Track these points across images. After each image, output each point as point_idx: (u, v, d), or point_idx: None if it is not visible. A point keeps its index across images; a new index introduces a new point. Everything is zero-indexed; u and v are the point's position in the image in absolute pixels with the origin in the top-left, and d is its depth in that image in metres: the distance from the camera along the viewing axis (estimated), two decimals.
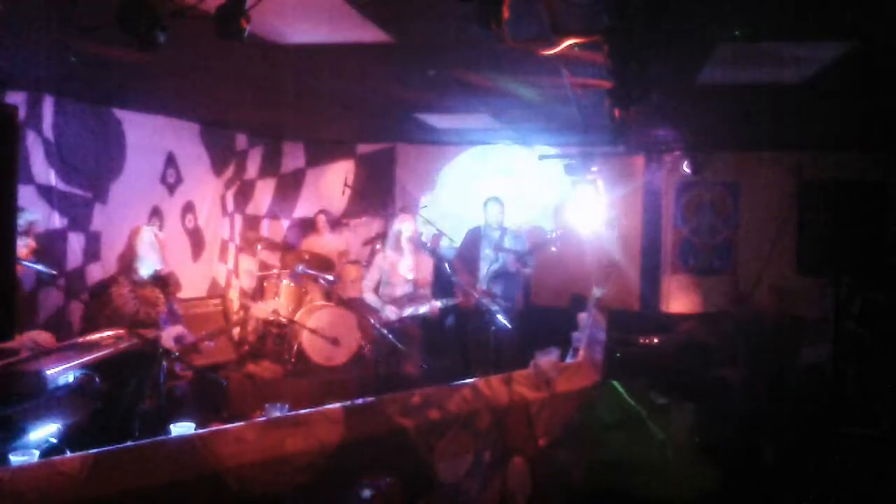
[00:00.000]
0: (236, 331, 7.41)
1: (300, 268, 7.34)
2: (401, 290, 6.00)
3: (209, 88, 5.48)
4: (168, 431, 3.08)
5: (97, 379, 4.16)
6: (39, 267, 4.59)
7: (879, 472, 4.66)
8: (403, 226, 5.97)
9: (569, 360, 4.43)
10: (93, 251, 6.01)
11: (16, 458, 2.75)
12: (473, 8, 2.56)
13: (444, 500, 3.31)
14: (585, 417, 4.24)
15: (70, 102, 5.63)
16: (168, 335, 4.79)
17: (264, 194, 8.75)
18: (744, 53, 3.91)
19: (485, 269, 6.48)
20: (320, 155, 9.14)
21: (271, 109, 6.58)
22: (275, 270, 7.47)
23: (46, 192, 5.49)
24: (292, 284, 7.30)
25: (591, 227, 7.42)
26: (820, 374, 6.38)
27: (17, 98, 5.15)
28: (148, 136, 6.59)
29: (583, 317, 6.17)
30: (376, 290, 6.10)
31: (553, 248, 6.82)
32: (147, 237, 4.95)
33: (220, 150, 7.72)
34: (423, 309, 5.91)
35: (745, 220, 8.19)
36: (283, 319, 6.95)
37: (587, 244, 7.78)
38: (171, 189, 7.00)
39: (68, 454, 2.40)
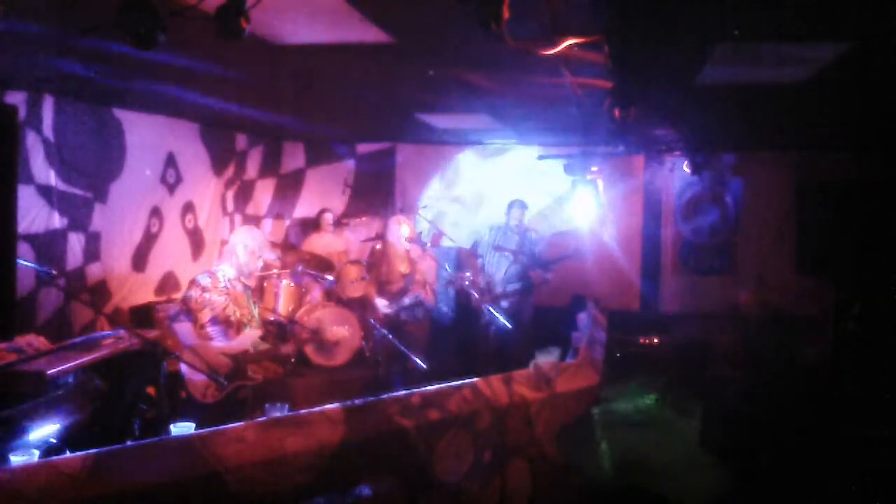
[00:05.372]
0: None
1: (300, 268, 7.34)
2: (397, 286, 6.01)
3: (209, 88, 5.48)
4: (168, 431, 3.08)
5: (97, 379, 4.15)
6: (32, 265, 4.57)
7: (880, 473, 4.66)
8: (401, 226, 5.97)
9: (569, 360, 4.43)
10: (93, 251, 6.01)
11: (16, 458, 2.75)
12: (473, 8, 2.56)
13: (444, 500, 3.31)
14: (599, 417, 4.25)
15: (70, 102, 5.63)
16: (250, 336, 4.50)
17: (264, 194, 8.75)
18: (744, 53, 3.91)
19: (502, 270, 6.48)
20: (320, 155, 9.14)
21: (271, 109, 6.58)
22: (275, 270, 7.46)
23: (46, 192, 5.49)
24: (292, 284, 7.30)
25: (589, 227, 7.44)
26: (820, 374, 6.39)
27: (17, 98, 5.14)
28: (148, 136, 6.59)
29: (583, 317, 6.17)
30: (378, 289, 6.11)
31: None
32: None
33: (220, 150, 7.72)
34: (409, 300, 5.90)
35: (745, 220, 8.19)
36: (284, 319, 6.94)
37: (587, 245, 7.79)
38: (171, 189, 7.00)
39: (68, 454, 2.39)
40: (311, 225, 8.67)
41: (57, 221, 5.59)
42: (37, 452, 2.92)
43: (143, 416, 4.79)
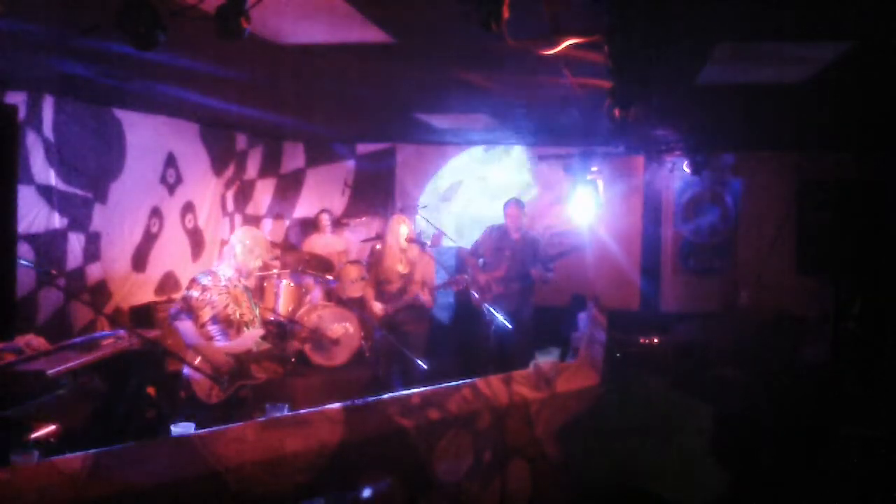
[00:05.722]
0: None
1: (300, 268, 7.35)
2: (395, 286, 6.00)
3: (209, 88, 5.48)
4: (168, 431, 3.08)
5: (97, 379, 4.15)
6: (32, 265, 4.56)
7: (880, 472, 4.66)
8: (400, 226, 5.96)
9: (569, 360, 4.43)
10: (93, 251, 6.01)
11: (16, 458, 2.75)
12: (473, 8, 2.56)
13: (444, 500, 3.31)
14: (599, 418, 4.24)
15: (70, 102, 5.63)
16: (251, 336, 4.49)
17: (264, 194, 8.75)
18: (744, 53, 3.91)
19: (501, 270, 6.48)
20: (320, 155, 9.14)
21: (271, 109, 6.58)
22: (275, 270, 7.48)
23: (46, 192, 5.49)
24: (292, 284, 7.30)
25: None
26: (820, 374, 6.39)
27: (17, 98, 5.14)
28: (148, 136, 6.58)
29: (583, 317, 6.18)
30: (375, 289, 6.11)
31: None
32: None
33: (220, 150, 7.72)
34: (406, 302, 5.90)
35: (745, 220, 8.20)
36: (284, 319, 6.95)
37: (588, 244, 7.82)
38: (171, 189, 7.00)
39: (68, 454, 2.39)
40: (310, 225, 8.68)
41: (57, 221, 5.59)
42: (37, 452, 2.92)
43: (143, 416, 4.79)
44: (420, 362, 5.31)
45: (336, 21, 3.55)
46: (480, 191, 8.92)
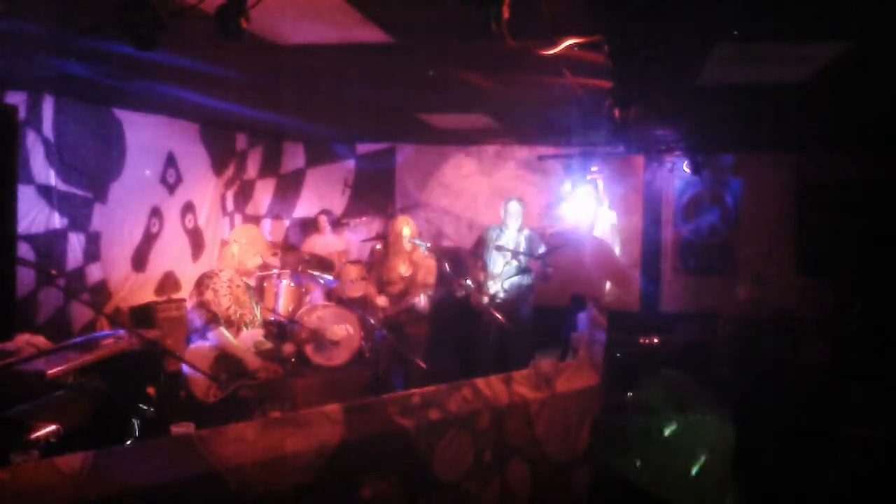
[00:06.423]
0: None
1: (300, 268, 7.35)
2: (398, 287, 6.00)
3: (209, 88, 5.48)
4: (168, 431, 3.08)
5: (97, 379, 4.15)
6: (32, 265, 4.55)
7: (880, 472, 4.66)
8: (404, 227, 5.96)
9: (569, 360, 4.43)
10: (93, 251, 6.01)
11: (16, 458, 2.74)
12: (473, 8, 2.56)
13: (444, 500, 3.31)
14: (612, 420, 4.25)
15: (70, 102, 5.63)
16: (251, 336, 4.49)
17: (264, 194, 8.75)
18: (744, 53, 3.91)
19: (500, 268, 6.47)
20: (320, 155, 9.15)
21: (271, 109, 6.58)
22: (275, 270, 7.47)
23: (46, 192, 5.49)
24: (292, 284, 7.30)
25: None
26: (820, 374, 6.39)
27: (17, 98, 5.14)
28: (148, 136, 6.58)
29: (583, 317, 6.17)
30: (378, 290, 6.11)
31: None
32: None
33: (220, 150, 7.72)
34: (406, 306, 5.90)
35: (745, 220, 8.20)
36: (284, 319, 6.94)
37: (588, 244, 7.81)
38: (171, 189, 7.00)
39: (68, 454, 2.39)
40: (310, 225, 8.68)
41: (57, 221, 5.59)
42: (37, 452, 2.92)
43: (143, 416, 4.79)
44: (420, 362, 5.31)
45: (336, 21, 3.55)
46: (480, 191, 8.92)
